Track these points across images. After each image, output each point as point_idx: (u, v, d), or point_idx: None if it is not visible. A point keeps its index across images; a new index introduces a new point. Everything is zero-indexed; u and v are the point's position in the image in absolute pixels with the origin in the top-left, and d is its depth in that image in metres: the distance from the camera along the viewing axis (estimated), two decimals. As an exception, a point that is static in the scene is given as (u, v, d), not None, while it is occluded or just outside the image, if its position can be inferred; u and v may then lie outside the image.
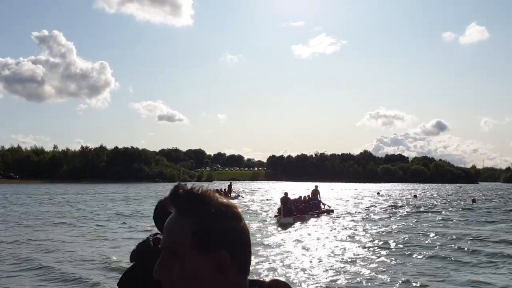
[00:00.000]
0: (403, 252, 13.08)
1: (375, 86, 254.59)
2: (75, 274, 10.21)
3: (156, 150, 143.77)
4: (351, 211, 27.83)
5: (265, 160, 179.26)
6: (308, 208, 24.67)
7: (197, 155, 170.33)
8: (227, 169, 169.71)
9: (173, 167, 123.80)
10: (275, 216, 23.11)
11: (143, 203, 33.28)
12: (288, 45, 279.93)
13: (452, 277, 10.09)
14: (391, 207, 32.17)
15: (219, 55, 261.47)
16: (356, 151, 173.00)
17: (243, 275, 0.95)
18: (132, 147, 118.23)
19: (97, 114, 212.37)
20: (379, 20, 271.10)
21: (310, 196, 27.43)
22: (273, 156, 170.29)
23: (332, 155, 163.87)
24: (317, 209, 26.09)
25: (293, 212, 22.16)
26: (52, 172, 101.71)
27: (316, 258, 12.11)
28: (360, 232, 17.50)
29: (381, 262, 11.67)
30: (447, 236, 16.52)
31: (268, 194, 50.69)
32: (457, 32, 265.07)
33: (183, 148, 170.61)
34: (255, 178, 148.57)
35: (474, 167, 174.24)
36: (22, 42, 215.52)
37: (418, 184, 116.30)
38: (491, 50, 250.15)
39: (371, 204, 34.73)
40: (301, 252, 13.04)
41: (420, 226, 19.87)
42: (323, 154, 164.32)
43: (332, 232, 17.58)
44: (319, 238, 15.94)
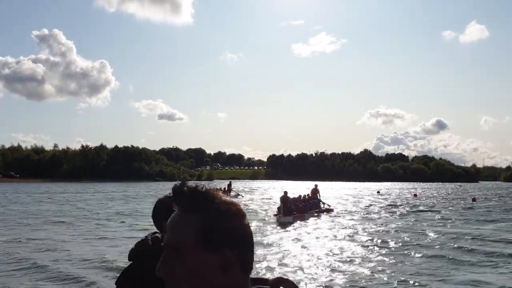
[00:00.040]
0: (402, 251, 13.05)
1: (375, 84, 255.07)
2: (73, 273, 10.18)
3: (156, 149, 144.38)
4: (351, 210, 27.80)
5: (265, 159, 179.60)
6: (308, 207, 24.64)
7: (197, 154, 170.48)
8: (227, 168, 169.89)
9: (173, 166, 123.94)
10: (274, 215, 23.10)
11: (142, 202, 33.27)
12: (288, 43, 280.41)
13: (451, 276, 10.06)
14: (391, 206, 32.13)
15: (219, 54, 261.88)
16: (356, 150, 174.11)
17: (246, 273, 0.95)
18: (132, 146, 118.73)
19: (97, 113, 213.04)
20: (379, 18, 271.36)
21: (310, 195, 27.40)
22: (273, 155, 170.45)
23: (332, 154, 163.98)
24: (316, 208, 26.07)
25: (292, 211, 22.13)
26: (52, 171, 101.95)
27: (316, 257, 12.08)
28: (359, 231, 17.47)
29: (380, 261, 11.64)
30: (446, 235, 16.49)
31: (267, 193, 50.66)
32: (457, 30, 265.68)
33: (183, 147, 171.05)
34: (255, 177, 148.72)
35: (474, 166, 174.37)
36: (22, 41, 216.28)
37: (418, 183, 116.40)
38: (491, 48, 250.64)
39: (371, 203, 34.69)
40: (300, 251, 13.01)
41: (420, 225, 19.85)
42: (323, 153, 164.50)
43: (332, 231, 17.54)
44: (319, 237, 15.91)
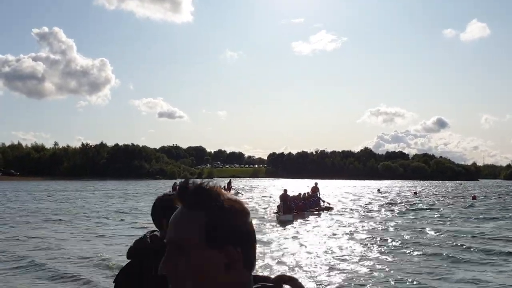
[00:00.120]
0: (402, 249, 13.02)
1: (375, 83, 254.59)
2: (71, 271, 10.15)
3: (157, 147, 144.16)
4: (351, 208, 27.77)
5: (265, 157, 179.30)
6: (308, 205, 24.59)
7: (197, 152, 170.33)
8: (227, 166, 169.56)
9: (173, 164, 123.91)
10: (274, 213, 23.06)
11: (142, 200, 33.22)
12: (288, 42, 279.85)
13: (451, 274, 10.02)
14: (391, 204, 32.09)
15: (219, 52, 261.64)
16: (356, 148, 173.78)
17: (249, 271, 0.95)
18: (132, 144, 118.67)
19: (97, 111, 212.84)
20: (379, 16, 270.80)
21: (310, 193, 27.36)
22: (273, 153, 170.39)
23: (333, 152, 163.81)
24: (316, 206, 26.02)
25: (292, 209, 22.08)
26: (52, 169, 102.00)
27: (315, 255, 12.05)
28: (359, 229, 17.44)
29: (380, 259, 11.61)
30: (446, 233, 16.45)
31: (267, 191, 50.64)
32: (458, 29, 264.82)
33: (184, 145, 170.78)
34: (255, 175, 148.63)
35: (474, 164, 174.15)
36: (22, 39, 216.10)
37: (418, 181, 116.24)
38: (492, 47, 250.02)
39: (371, 201, 34.68)
40: (300, 249, 12.99)
41: (420, 223, 19.81)
42: (324, 151, 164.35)
43: (332, 229, 17.51)
44: (319, 235, 15.88)
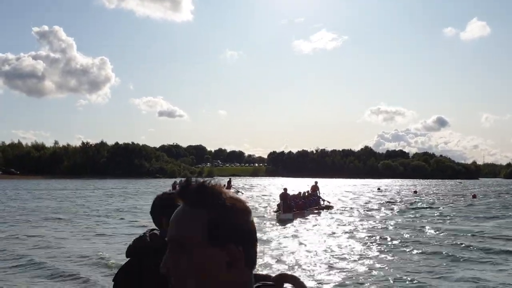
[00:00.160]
0: (402, 248, 13.01)
1: (376, 81, 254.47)
2: (70, 270, 10.14)
3: (157, 146, 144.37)
4: (351, 207, 27.76)
5: (265, 156, 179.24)
6: (308, 204, 24.58)
7: (197, 151, 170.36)
8: (227, 165, 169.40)
9: (173, 163, 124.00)
10: (274, 212, 23.06)
11: (141, 199, 33.23)
12: (289, 41, 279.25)
13: (451, 273, 10.01)
14: (390, 203, 32.08)
15: (219, 51, 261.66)
16: (356, 147, 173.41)
17: (250, 269, 0.95)
18: (132, 143, 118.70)
19: (97, 110, 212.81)
20: (380, 15, 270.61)
21: (310, 192, 27.35)
22: (273, 152, 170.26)
23: (333, 151, 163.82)
24: (316, 205, 26.02)
25: (292, 208, 22.07)
26: (53, 167, 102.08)
27: (315, 254, 12.05)
28: (359, 228, 17.44)
29: (379, 258, 11.60)
30: (446, 232, 16.43)
31: (267, 190, 50.65)
32: (458, 27, 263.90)
33: (184, 144, 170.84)
34: (255, 174, 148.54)
35: (474, 163, 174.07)
36: (22, 37, 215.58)
37: (418, 180, 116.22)
38: (492, 45, 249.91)
39: (371, 200, 34.68)
40: (300, 248, 12.98)
41: (419, 222, 19.79)
42: (324, 150, 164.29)
43: (331, 228, 17.50)
44: (318, 234, 15.87)
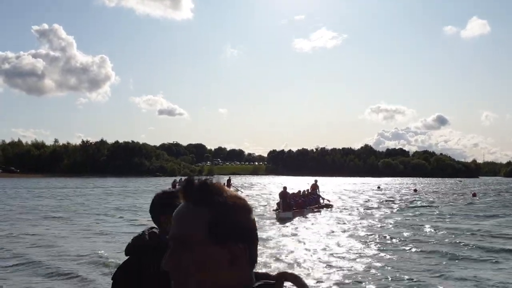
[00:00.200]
0: (401, 247, 13.00)
1: (376, 80, 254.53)
2: (69, 268, 10.12)
3: (157, 144, 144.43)
4: (351, 206, 27.75)
5: (265, 155, 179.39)
6: (307, 203, 24.54)
7: (197, 150, 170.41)
8: (227, 163, 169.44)
9: (173, 162, 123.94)
10: (274, 211, 23.02)
11: (141, 198, 33.19)
12: (289, 39, 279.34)
13: (450, 272, 9.99)
14: (390, 201, 32.07)
15: (219, 50, 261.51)
16: (357, 146, 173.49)
17: (251, 267, 0.95)
18: (132, 141, 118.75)
19: (97, 108, 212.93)
20: (380, 14, 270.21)
21: (309, 190, 27.31)
22: (273, 151, 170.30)
23: (333, 150, 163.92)
24: (316, 203, 25.98)
25: (292, 206, 22.05)
26: (53, 166, 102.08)
27: (314, 252, 12.04)
28: (358, 227, 17.42)
29: (379, 256, 11.58)
30: (446, 230, 16.42)
31: (267, 188, 50.60)
32: (458, 26, 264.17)
33: (184, 143, 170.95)
34: (255, 172, 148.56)
35: (474, 161, 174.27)
36: (22, 36, 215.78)
37: (418, 178, 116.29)
38: (492, 44, 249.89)
39: (371, 199, 34.66)
40: (299, 247, 12.96)
41: (419, 221, 19.77)
42: (324, 148, 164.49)
43: (331, 227, 17.49)
44: (318, 233, 15.85)
